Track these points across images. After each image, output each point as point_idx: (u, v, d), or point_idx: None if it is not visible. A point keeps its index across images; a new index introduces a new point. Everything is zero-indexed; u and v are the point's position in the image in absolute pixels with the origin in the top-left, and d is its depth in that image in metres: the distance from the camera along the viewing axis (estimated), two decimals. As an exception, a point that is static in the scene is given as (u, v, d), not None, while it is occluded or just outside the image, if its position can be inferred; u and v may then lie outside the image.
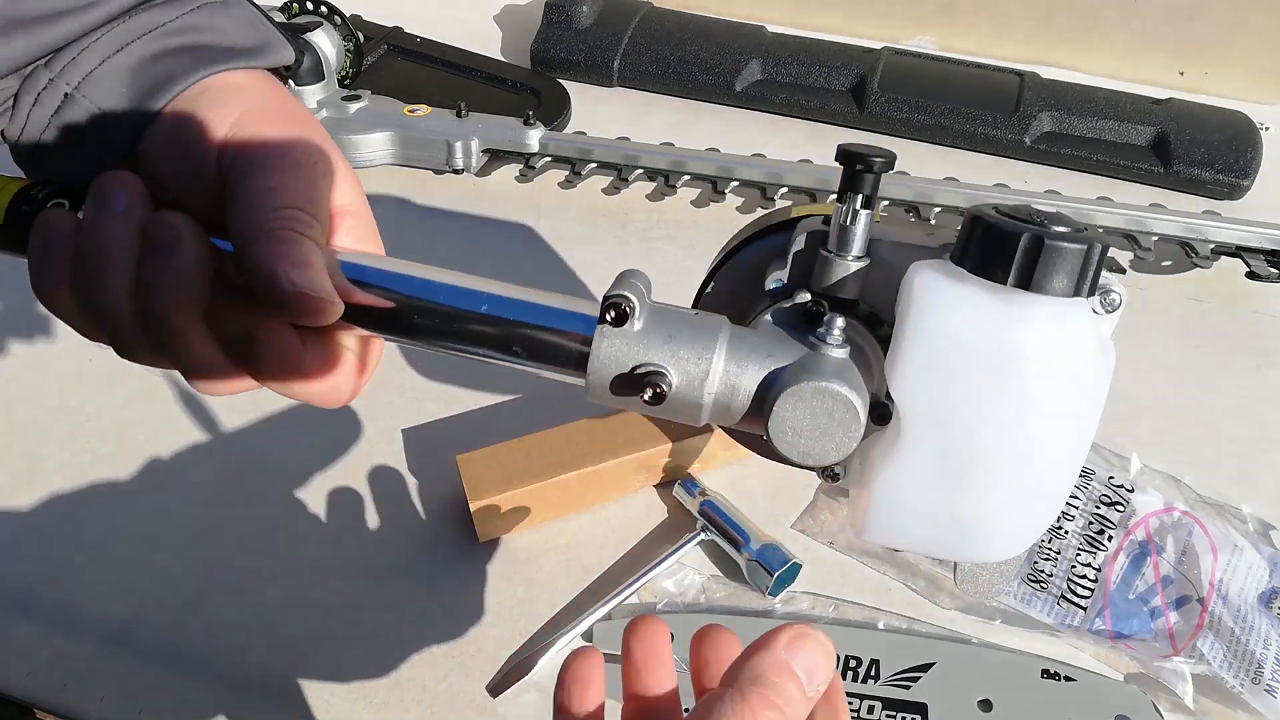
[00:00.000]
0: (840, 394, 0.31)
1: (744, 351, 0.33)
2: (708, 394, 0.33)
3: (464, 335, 0.35)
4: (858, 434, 0.32)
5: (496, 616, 0.56)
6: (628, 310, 0.33)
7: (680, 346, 0.33)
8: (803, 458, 0.32)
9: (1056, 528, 0.58)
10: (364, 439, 0.64)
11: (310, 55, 0.80)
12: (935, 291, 0.31)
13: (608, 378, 0.33)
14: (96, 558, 0.58)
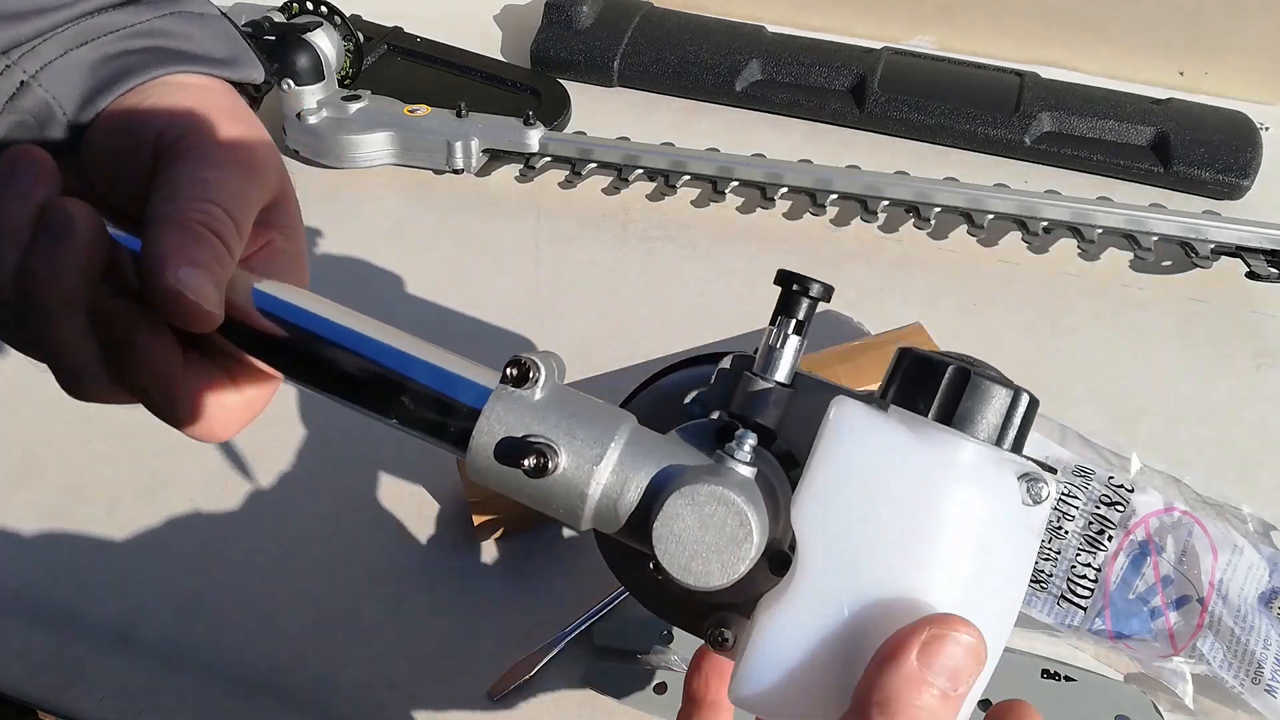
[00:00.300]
0: (736, 504, 0.28)
1: (644, 449, 0.31)
2: (595, 483, 0.30)
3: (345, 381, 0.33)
4: (749, 555, 0.28)
5: (496, 616, 0.56)
6: (532, 375, 0.31)
7: (578, 426, 0.31)
8: (684, 574, 0.29)
9: (1056, 528, 0.58)
10: (364, 438, 0.64)
11: (310, 55, 0.80)
12: (852, 419, 0.29)
13: (493, 441, 0.30)
14: (96, 558, 0.58)
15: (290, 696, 0.53)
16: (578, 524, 0.31)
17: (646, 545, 0.29)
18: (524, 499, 0.31)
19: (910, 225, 0.78)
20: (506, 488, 0.31)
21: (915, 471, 0.28)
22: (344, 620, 0.56)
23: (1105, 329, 0.72)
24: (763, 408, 0.32)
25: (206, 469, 0.62)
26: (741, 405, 0.33)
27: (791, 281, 0.32)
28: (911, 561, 0.27)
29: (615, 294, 0.73)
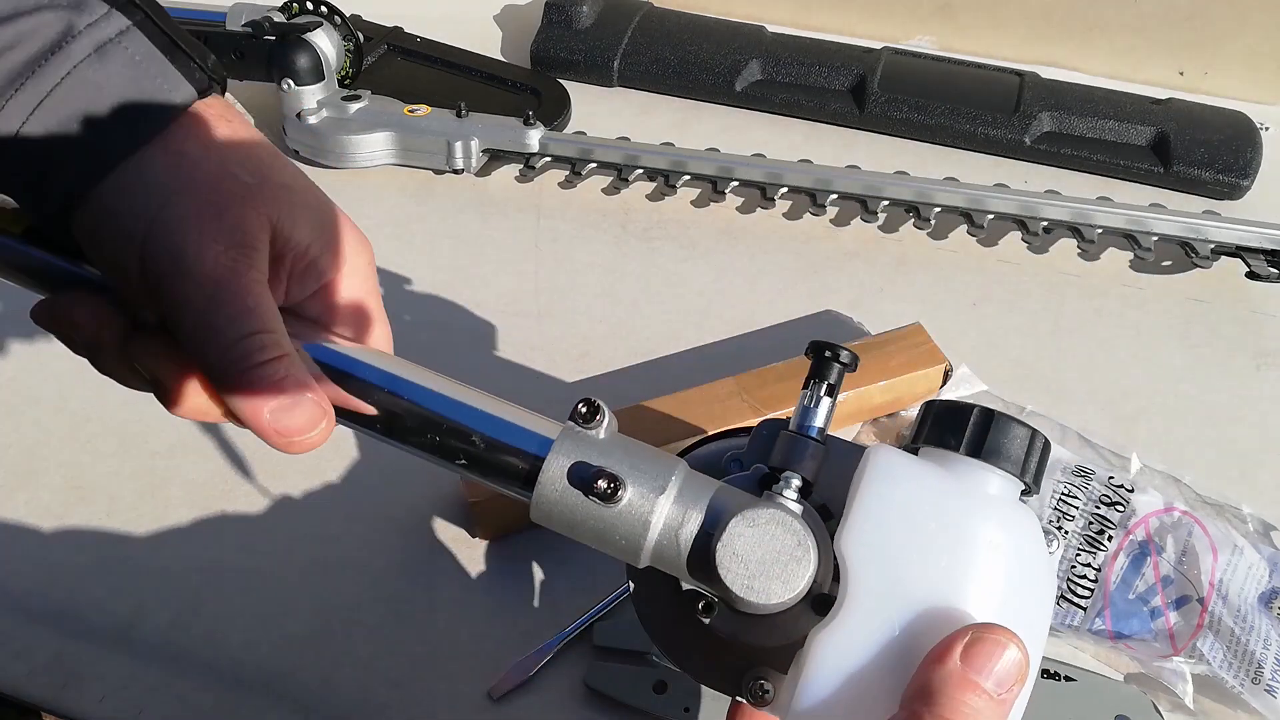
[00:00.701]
0: (794, 524, 0.31)
1: (701, 486, 0.33)
2: (658, 513, 0.32)
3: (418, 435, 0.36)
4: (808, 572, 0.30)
5: (496, 616, 0.56)
6: (599, 416, 0.33)
7: (640, 461, 0.32)
8: (747, 592, 0.30)
9: (1056, 528, 0.58)
10: (364, 438, 0.64)
11: (310, 55, 0.80)
12: (890, 462, 0.32)
13: (565, 469, 0.32)
14: (96, 558, 0.58)
15: (290, 696, 0.53)
16: (638, 556, 0.32)
17: (708, 572, 0.31)
18: (587, 533, 0.32)
19: (910, 225, 0.78)
20: (572, 520, 0.32)
21: (951, 501, 0.30)
22: (344, 620, 0.56)
23: (1105, 329, 0.72)
24: (801, 459, 0.34)
25: (207, 469, 0.62)
26: (780, 459, 0.34)
27: (824, 350, 0.35)
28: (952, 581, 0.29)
29: (615, 294, 0.73)
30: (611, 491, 0.31)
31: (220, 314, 0.32)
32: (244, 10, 0.82)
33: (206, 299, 0.32)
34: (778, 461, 0.34)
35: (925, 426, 0.33)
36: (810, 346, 0.36)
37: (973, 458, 0.31)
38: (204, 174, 0.33)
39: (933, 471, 0.31)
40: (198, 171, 0.33)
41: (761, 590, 0.30)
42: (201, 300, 0.32)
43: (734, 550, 0.30)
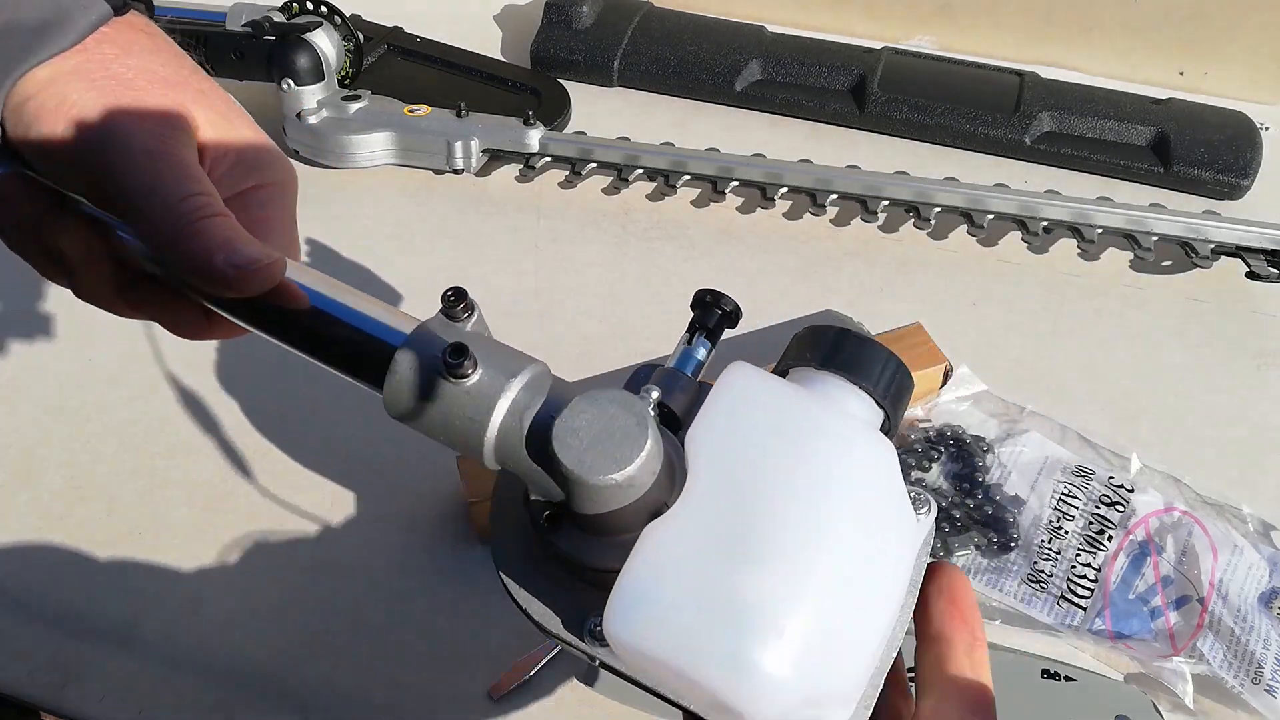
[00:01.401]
0: (636, 405, 0.29)
1: (557, 382, 0.33)
2: (508, 393, 0.31)
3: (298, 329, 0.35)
4: (642, 450, 0.28)
5: (496, 616, 0.56)
6: (465, 305, 0.32)
7: (499, 351, 0.32)
8: (577, 465, 0.29)
9: (1056, 528, 0.58)
10: (364, 439, 0.64)
11: (310, 55, 0.80)
12: (745, 373, 0.31)
13: (418, 350, 0.32)
14: (96, 558, 0.58)
15: (290, 696, 0.53)
16: (482, 441, 0.31)
17: (544, 451, 0.30)
18: (435, 415, 0.31)
19: (910, 225, 0.78)
20: (420, 400, 0.32)
21: (801, 406, 0.30)
22: (344, 620, 0.56)
23: (1105, 329, 0.72)
24: (672, 391, 0.33)
25: (206, 469, 0.62)
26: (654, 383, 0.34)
27: (707, 296, 0.36)
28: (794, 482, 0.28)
29: (615, 294, 0.73)
30: (459, 363, 0.30)
31: (162, 177, 0.34)
32: (244, 10, 0.82)
33: (146, 167, 0.34)
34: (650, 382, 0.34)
35: (788, 351, 0.33)
36: (695, 295, 0.36)
37: (828, 371, 0.31)
38: (123, 70, 0.35)
39: (789, 386, 0.31)
40: (117, 66, 0.35)
41: (593, 465, 0.28)
42: (142, 167, 0.34)
43: (571, 425, 0.29)
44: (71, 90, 0.34)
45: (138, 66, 0.35)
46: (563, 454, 0.29)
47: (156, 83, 0.36)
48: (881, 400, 0.32)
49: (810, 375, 0.32)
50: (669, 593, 0.27)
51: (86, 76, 0.34)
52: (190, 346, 0.69)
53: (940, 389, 0.65)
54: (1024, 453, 0.62)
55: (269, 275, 0.34)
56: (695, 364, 0.35)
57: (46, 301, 0.72)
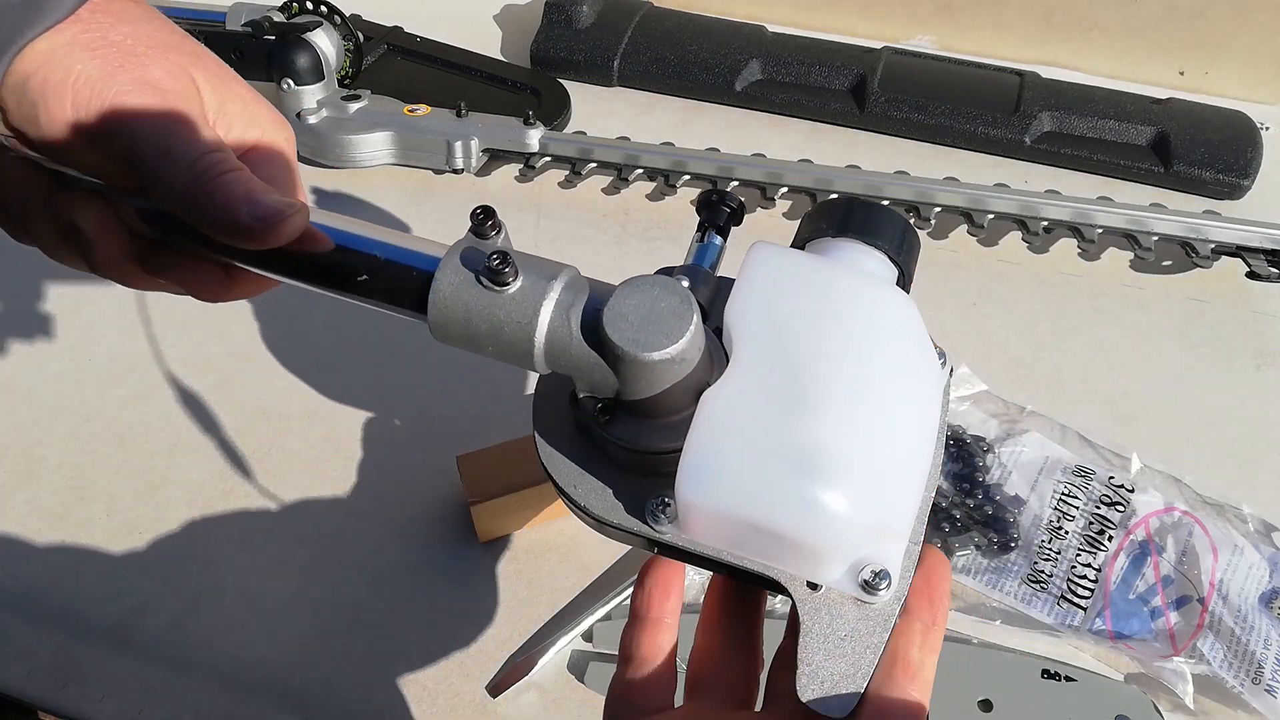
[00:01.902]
0: (677, 286, 0.31)
1: (592, 281, 0.34)
2: (551, 294, 0.32)
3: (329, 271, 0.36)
4: (690, 324, 0.30)
5: (496, 616, 0.56)
6: (494, 223, 0.33)
7: (532, 259, 0.34)
8: (632, 345, 0.30)
9: (1056, 528, 0.58)
10: (364, 439, 0.64)
11: (310, 55, 0.80)
12: (770, 249, 0.33)
13: (458, 266, 0.33)
14: (96, 558, 0.58)
15: (290, 696, 0.53)
16: (532, 345, 0.32)
17: (597, 338, 0.31)
18: (483, 326, 0.32)
19: (910, 225, 0.78)
20: (467, 315, 0.32)
21: (827, 270, 0.32)
22: (344, 620, 0.56)
23: (1105, 329, 0.72)
24: (696, 281, 0.35)
25: (206, 469, 0.62)
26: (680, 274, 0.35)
27: (713, 195, 0.37)
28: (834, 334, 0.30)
29: (615, 294, 0.73)
30: (502, 269, 0.31)
31: (176, 138, 0.34)
32: (244, 10, 0.82)
33: (159, 130, 0.34)
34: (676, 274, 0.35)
35: (801, 227, 0.35)
36: (700, 196, 0.37)
37: (844, 237, 0.33)
38: (120, 35, 0.35)
39: (811, 256, 0.33)
40: (114, 34, 0.35)
41: (647, 343, 0.30)
42: (155, 130, 0.34)
43: (620, 311, 0.31)
44: (74, 61, 0.34)
45: (134, 33, 0.35)
46: (616, 337, 0.30)
47: (155, 47, 0.36)
48: (896, 257, 0.33)
49: (828, 244, 0.33)
50: (735, 448, 0.29)
51: (87, 46, 0.34)
52: (190, 346, 0.69)
53: (940, 389, 0.64)
54: (1024, 453, 0.62)
55: (295, 224, 0.35)
56: (712, 257, 0.36)
57: (46, 301, 0.72)
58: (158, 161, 0.34)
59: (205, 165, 0.34)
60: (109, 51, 0.34)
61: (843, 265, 0.33)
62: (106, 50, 0.34)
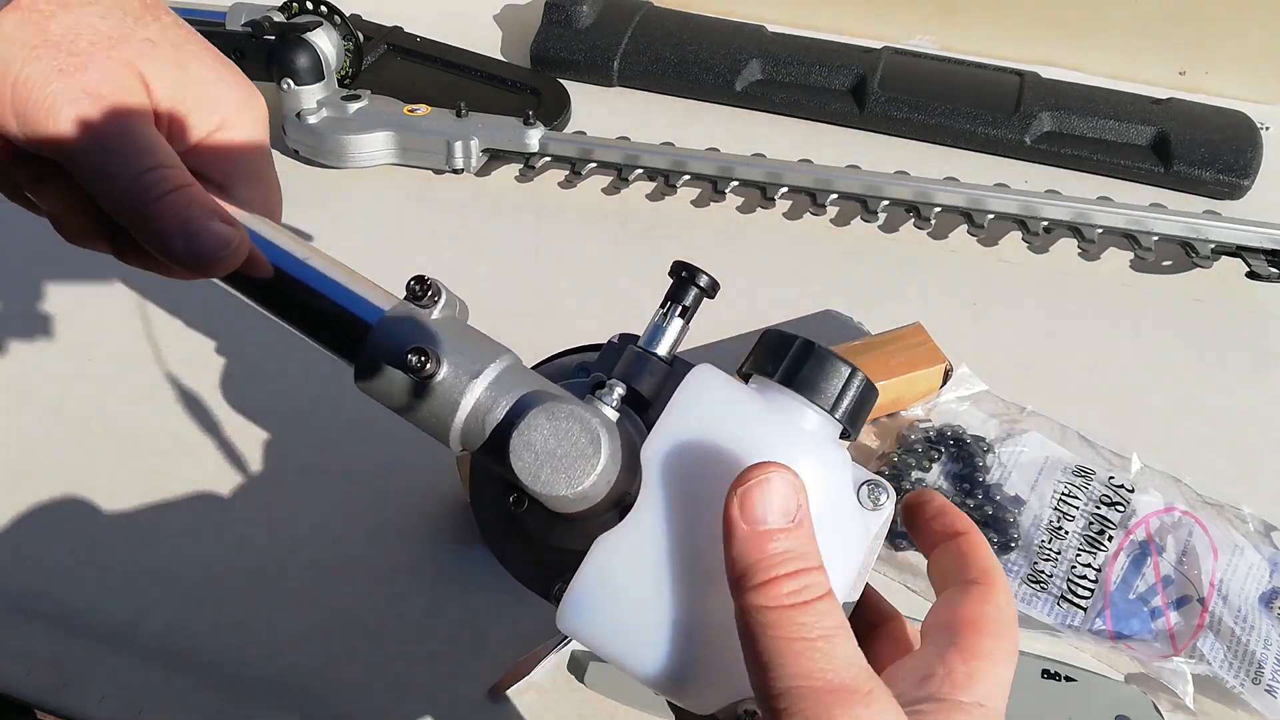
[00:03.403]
0: (590, 422, 0.31)
1: (520, 378, 0.33)
2: (470, 395, 0.32)
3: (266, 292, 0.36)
4: (595, 469, 0.30)
5: (496, 617, 0.56)
6: (432, 295, 0.33)
7: (464, 346, 0.33)
8: (533, 481, 0.30)
9: (1056, 528, 0.58)
10: (364, 439, 0.64)
11: (310, 55, 0.80)
12: (706, 379, 0.31)
13: (384, 343, 0.33)
14: (96, 558, 0.58)
15: (290, 696, 0.53)
16: (448, 437, 0.32)
17: (502, 460, 0.31)
18: (401, 406, 0.33)
19: (910, 225, 0.78)
20: (388, 391, 0.33)
21: (757, 424, 0.30)
22: (344, 620, 0.56)
23: (1105, 329, 0.72)
24: (641, 375, 0.34)
25: (206, 469, 0.62)
26: (623, 372, 0.35)
27: (683, 270, 0.35)
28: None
29: (615, 294, 0.73)
30: (421, 366, 0.31)
31: (112, 157, 0.33)
32: (244, 10, 0.82)
33: (94, 145, 0.33)
34: (619, 374, 0.34)
35: (752, 354, 0.33)
36: (672, 267, 0.36)
37: (786, 387, 0.31)
38: (61, 29, 0.33)
39: (750, 397, 0.31)
40: (53, 26, 0.33)
41: (547, 482, 0.30)
42: (89, 146, 0.33)
43: (527, 439, 0.31)
44: (12, 60, 0.32)
45: (77, 25, 0.33)
46: (518, 468, 0.30)
47: (99, 43, 0.33)
48: (839, 416, 0.31)
49: (769, 386, 0.31)
50: (616, 605, 0.29)
51: (25, 43, 0.32)
52: (190, 346, 0.69)
53: (940, 389, 0.65)
54: (1024, 453, 0.62)
55: (232, 260, 0.34)
56: (667, 341, 0.35)
57: (46, 301, 0.72)
58: (96, 181, 0.33)
59: (141, 188, 0.33)
60: (49, 51, 0.32)
61: (776, 417, 0.31)
62: (45, 50, 0.32)
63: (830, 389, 0.31)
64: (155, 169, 0.33)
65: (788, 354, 0.31)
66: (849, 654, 0.25)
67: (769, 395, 0.31)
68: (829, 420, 0.31)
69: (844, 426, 0.31)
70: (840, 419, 0.31)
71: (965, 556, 0.31)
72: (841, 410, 0.31)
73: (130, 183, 0.33)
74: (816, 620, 0.25)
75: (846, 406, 0.31)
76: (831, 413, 0.31)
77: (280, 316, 0.36)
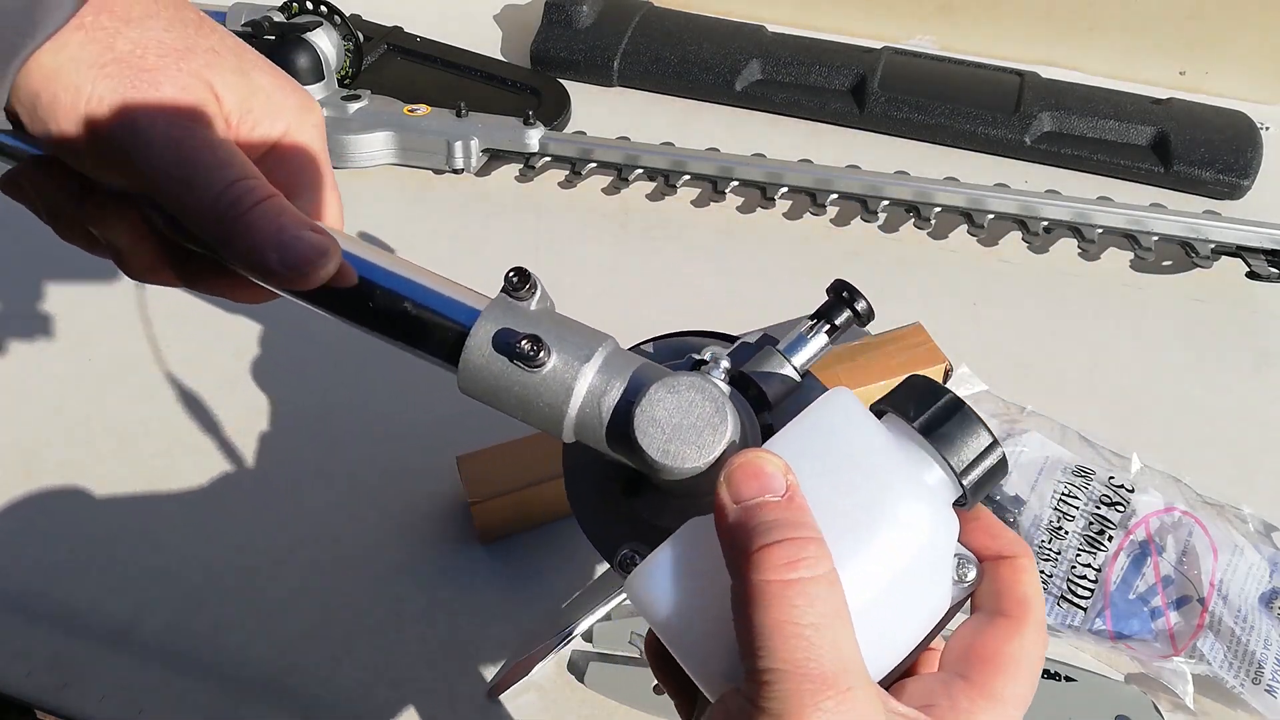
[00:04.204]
0: (713, 391, 0.30)
1: (627, 359, 0.33)
2: (582, 379, 0.31)
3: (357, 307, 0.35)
4: (723, 439, 0.30)
5: (496, 616, 0.56)
6: (529, 286, 0.33)
7: (568, 332, 0.32)
8: (662, 456, 0.30)
9: (1056, 528, 0.58)
10: (364, 439, 0.64)
11: (310, 55, 0.80)
12: (844, 402, 0.30)
13: (490, 334, 0.32)
14: (96, 558, 0.58)
15: (290, 696, 0.53)
16: (561, 425, 0.32)
17: (627, 440, 0.30)
18: (511, 400, 0.32)
19: (910, 225, 0.78)
20: (496, 387, 0.32)
21: (881, 460, 0.29)
22: (344, 620, 0.56)
23: (1105, 329, 0.72)
24: (771, 378, 0.34)
25: (207, 469, 0.62)
26: (753, 368, 0.34)
27: (843, 290, 0.34)
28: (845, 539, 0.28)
29: (615, 294, 0.73)
30: (534, 354, 0.31)
31: (196, 172, 0.32)
32: (244, 10, 0.82)
33: (177, 161, 0.32)
34: (749, 367, 0.34)
35: (896, 392, 0.32)
36: (832, 284, 0.35)
37: (923, 435, 0.30)
38: (128, 45, 0.32)
39: (881, 433, 0.30)
40: (120, 42, 0.32)
41: (676, 455, 0.30)
42: (172, 163, 0.32)
43: (652, 415, 0.30)
44: (83, 81, 0.31)
45: (143, 39, 0.32)
46: (647, 446, 0.30)
47: (168, 56, 0.33)
48: (963, 483, 0.30)
49: (904, 430, 0.30)
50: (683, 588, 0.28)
51: (94, 62, 0.32)
52: (190, 346, 0.69)
53: (940, 389, 0.64)
54: (1024, 453, 0.62)
55: (326, 270, 0.33)
56: (805, 354, 0.34)
57: (46, 301, 0.72)
58: (181, 195, 0.32)
59: (229, 201, 0.32)
60: (119, 69, 0.32)
61: (901, 462, 0.30)
62: (115, 67, 0.32)
63: (965, 453, 0.30)
64: (241, 180, 0.32)
65: (934, 405, 0.30)
66: (838, 645, 0.25)
67: (901, 438, 0.30)
68: (952, 482, 0.30)
69: (964, 493, 0.30)
70: (964, 484, 0.30)
71: (1005, 583, 0.30)
72: (969, 477, 0.30)
73: (217, 197, 0.32)
74: (809, 605, 0.25)
75: (975, 476, 0.30)
76: (959, 476, 0.30)
77: (371, 327, 0.35)
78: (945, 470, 0.30)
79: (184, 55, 0.33)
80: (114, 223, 0.35)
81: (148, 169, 0.32)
